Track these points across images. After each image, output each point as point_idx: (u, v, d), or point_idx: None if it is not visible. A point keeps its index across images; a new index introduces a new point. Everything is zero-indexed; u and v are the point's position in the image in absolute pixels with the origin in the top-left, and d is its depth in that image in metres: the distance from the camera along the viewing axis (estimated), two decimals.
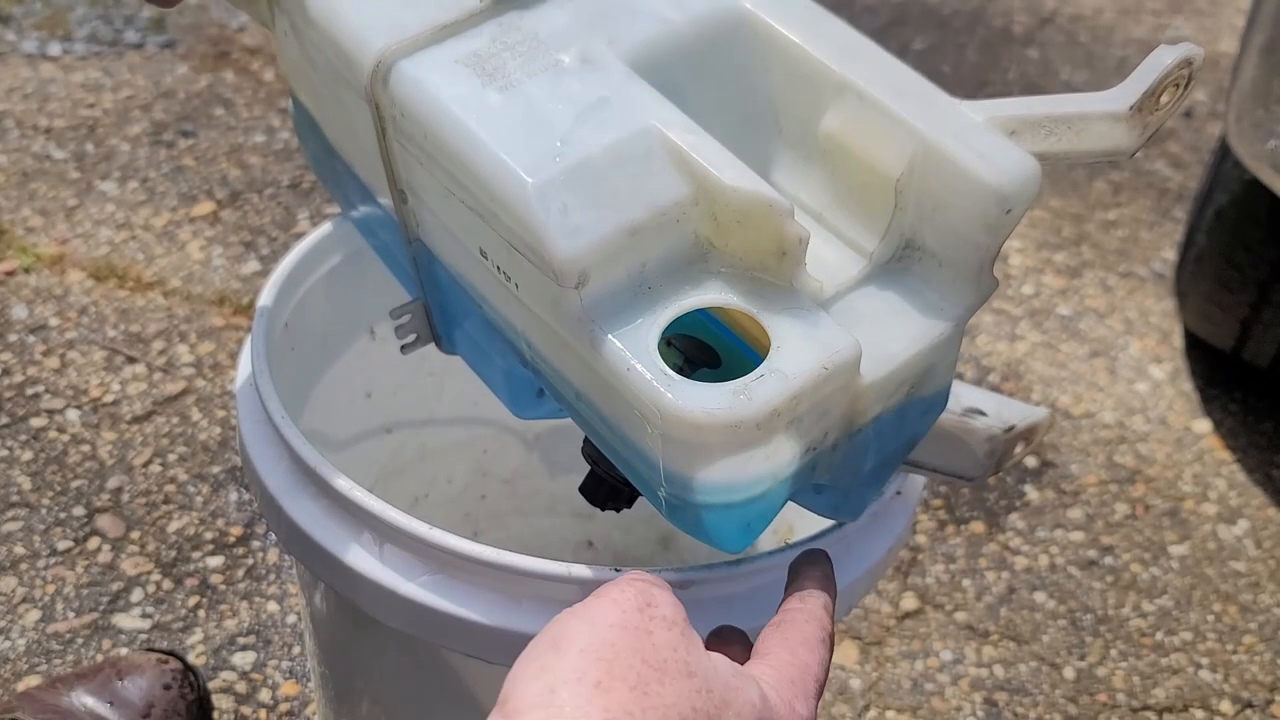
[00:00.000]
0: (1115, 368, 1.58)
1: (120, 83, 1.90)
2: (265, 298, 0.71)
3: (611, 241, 0.47)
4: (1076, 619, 1.25)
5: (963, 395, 0.64)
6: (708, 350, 0.51)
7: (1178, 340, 1.63)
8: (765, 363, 0.46)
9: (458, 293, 0.60)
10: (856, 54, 0.54)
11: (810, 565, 0.50)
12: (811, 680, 0.44)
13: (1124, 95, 0.47)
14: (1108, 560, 1.32)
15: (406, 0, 0.54)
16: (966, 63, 2.22)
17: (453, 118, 0.50)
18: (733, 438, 0.46)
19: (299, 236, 1.59)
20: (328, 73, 0.58)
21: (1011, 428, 0.63)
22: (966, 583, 1.27)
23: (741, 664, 0.45)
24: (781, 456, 0.48)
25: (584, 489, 0.61)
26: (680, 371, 0.51)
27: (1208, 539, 1.35)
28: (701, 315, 0.50)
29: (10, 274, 1.51)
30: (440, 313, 0.64)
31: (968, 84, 2.14)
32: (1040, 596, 1.27)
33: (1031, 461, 1.43)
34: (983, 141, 0.49)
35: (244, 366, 0.68)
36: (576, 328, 0.48)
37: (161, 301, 1.49)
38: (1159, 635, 1.24)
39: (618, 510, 0.61)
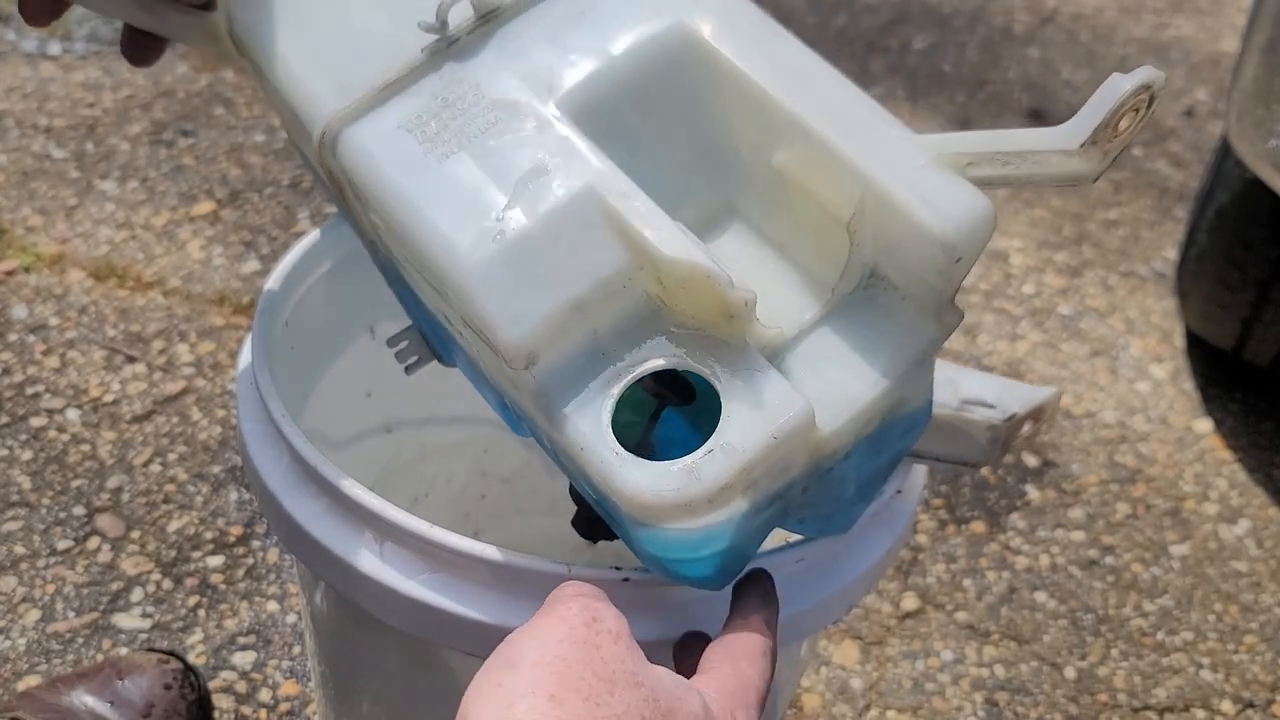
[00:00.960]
0: (1116, 367, 1.58)
1: (120, 82, 1.90)
2: (265, 297, 0.71)
3: (556, 320, 0.47)
4: (1077, 619, 1.25)
5: (964, 384, 0.63)
6: (682, 384, 0.51)
7: (1179, 340, 1.63)
8: (714, 437, 0.46)
9: (443, 331, 0.60)
10: (807, 83, 0.52)
11: (752, 584, 0.51)
12: (752, 691, 0.46)
13: (1075, 132, 0.45)
14: (1109, 560, 1.32)
15: (353, 53, 0.53)
16: (967, 61, 2.21)
17: (396, 191, 0.49)
18: (685, 513, 0.46)
19: (299, 235, 1.59)
20: (290, 125, 0.57)
21: (1012, 416, 0.63)
22: (967, 582, 1.27)
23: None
24: (741, 515, 0.47)
25: (575, 524, 0.62)
26: (656, 409, 0.50)
27: (1209, 539, 1.35)
28: None
29: (10, 273, 1.51)
30: (434, 336, 0.64)
31: (968, 83, 2.14)
32: (1041, 596, 1.27)
33: (1032, 461, 1.43)
34: (930, 185, 0.48)
35: (244, 365, 0.68)
36: (532, 403, 0.48)
37: (161, 301, 1.49)
38: (1160, 635, 1.24)
39: (610, 540, 0.61)
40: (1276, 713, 1.18)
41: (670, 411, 0.51)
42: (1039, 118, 2.04)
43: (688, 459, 0.46)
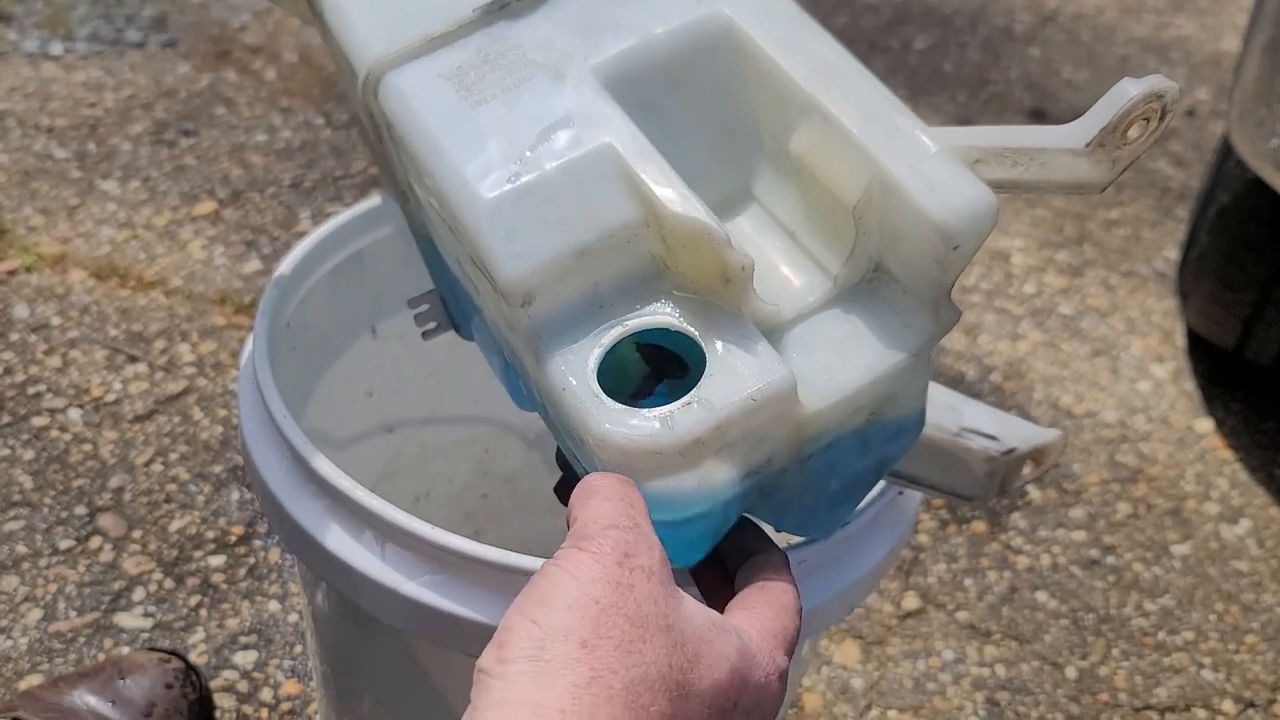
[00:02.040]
0: (1117, 367, 1.58)
1: (122, 82, 1.90)
2: (267, 297, 0.71)
3: (558, 263, 0.48)
4: (1078, 618, 1.25)
5: (966, 412, 0.63)
6: (677, 360, 0.51)
7: (1180, 339, 1.63)
8: (694, 390, 0.47)
9: (460, 289, 0.61)
10: (829, 72, 0.53)
11: (779, 555, 0.51)
12: (791, 642, 0.46)
13: (1081, 131, 0.45)
14: (1110, 560, 1.32)
15: (407, 7, 0.55)
16: (968, 61, 2.21)
17: (425, 132, 0.51)
18: (657, 463, 0.46)
19: (300, 235, 1.59)
20: (341, 72, 0.59)
21: (1012, 450, 0.62)
22: (968, 582, 1.27)
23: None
24: (715, 480, 0.48)
25: (557, 490, 0.62)
26: (647, 379, 0.51)
27: (1210, 538, 1.35)
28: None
29: (12, 273, 1.51)
30: (453, 302, 0.65)
31: (969, 83, 2.14)
32: (1042, 596, 1.27)
33: None
34: (937, 174, 0.48)
35: (245, 365, 0.68)
36: (524, 343, 0.49)
37: (163, 300, 1.49)
38: (1161, 635, 1.24)
39: None
40: (1278, 712, 1.18)
41: (664, 388, 0.52)
42: (1040, 117, 2.04)
43: (665, 408, 0.46)
